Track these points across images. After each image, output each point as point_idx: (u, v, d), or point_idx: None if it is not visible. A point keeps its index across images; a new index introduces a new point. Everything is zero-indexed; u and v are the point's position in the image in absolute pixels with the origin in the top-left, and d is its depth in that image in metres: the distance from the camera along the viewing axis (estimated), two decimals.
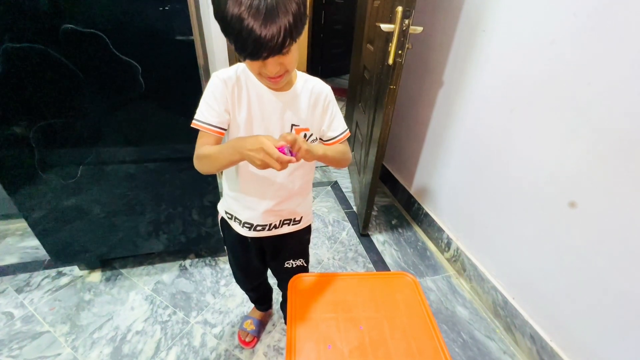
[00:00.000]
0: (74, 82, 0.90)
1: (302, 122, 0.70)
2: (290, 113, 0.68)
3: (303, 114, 0.70)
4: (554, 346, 1.05)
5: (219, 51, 1.76)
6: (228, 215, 0.83)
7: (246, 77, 0.66)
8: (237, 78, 0.65)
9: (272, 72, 0.57)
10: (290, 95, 0.68)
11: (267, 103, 0.67)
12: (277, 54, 0.53)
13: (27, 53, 0.84)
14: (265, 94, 0.66)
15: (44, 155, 1.01)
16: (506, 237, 1.23)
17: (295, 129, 0.69)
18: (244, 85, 0.65)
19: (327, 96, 0.72)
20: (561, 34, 0.94)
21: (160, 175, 1.15)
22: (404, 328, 0.66)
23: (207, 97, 0.66)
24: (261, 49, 0.51)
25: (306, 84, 0.70)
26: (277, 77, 0.59)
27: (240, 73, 0.65)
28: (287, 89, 0.67)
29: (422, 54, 1.61)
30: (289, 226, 0.83)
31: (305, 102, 0.69)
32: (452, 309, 1.31)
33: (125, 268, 1.39)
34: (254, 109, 0.66)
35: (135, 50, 0.91)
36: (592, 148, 0.90)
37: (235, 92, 0.65)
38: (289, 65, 0.59)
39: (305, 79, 0.71)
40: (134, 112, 1.01)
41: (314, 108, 0.70)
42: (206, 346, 1.11)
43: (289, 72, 0.61)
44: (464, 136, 1.39)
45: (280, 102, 0.67)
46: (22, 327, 1.13)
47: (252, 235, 0.80)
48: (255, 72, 0.60)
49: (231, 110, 0.66)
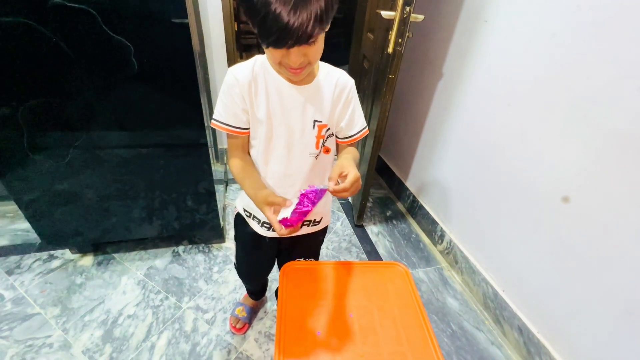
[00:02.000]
0: (63, 59, 0.87)
1: (324, 117, 0.66)
2: (312, 108, 0.64)
3: (326, 109, 0.65)
4: (541, 338, 1.06)
5: (216, 36, 1.72)
6: (247, 213, 0.81)
7: (264, 71, 0.62)
8: (254, 74, 0.61)
9: (295, 62, 0.53)
10: (312, 89, 0.64)
11: (288, 98, 0.63)
12: (303, 43, 0.49)
13: (13, 27, 0.80)
14: (285, 88, 0.62)
15: (33, 137, 0.98)
16: (499, 231, 1.23)
17: (318, 125, 0.66)
18: (261, 80, 0.62)
19: (351, 90, 0.67)
20: (562, 26, 0.93)
21: (154, 161, 1.13)
22: (394, 317, 0.67)
23: (223, 97, 0.63)
24: (287, 37, 0.47)
25: (329, 76, 0.65)
26: (299, 68, 0.55)
27: (257, 68, 0.62)
28: (308, 81, 0.63)
29: (423, 44, 1.58)
30: (308, 227, 0.81)
31: (328, 96, 0.65)
32: (442, 300, 1.33)
33: (118, 253, 1.38)
34: (273, 104, 0.63)
35: (128, 30, 0.88)
36: (588, 143, 0.89)
37: (252, 89, 0.62)
38: (313, 56, 0.55)
39: (327, 70, 0.66)
40: (126, 95, 0.98)
41: (336, 102, 0.66)
42: (197, 331, 1.12)
43: (312, 64, 0.57)
44: (461, 130, 1.38)
45: (302, 96, 0.63)
46: (13, 309, 1.13)
47: (270, 235, 0.79)
48: (275, 61, 0.56)
49: (249, 109, 0.63)
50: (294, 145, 0.67)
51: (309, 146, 0.67)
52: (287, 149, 0.67)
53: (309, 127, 0.65)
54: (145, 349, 1.05)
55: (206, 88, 1.57)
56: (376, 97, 1.36)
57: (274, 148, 0.67)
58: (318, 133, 0.67)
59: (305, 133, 0.66)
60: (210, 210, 1.32)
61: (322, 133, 0.67)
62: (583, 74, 0.89)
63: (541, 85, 1.01)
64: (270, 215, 0.60)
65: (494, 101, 1.20)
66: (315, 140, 0.67)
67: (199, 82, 1.02)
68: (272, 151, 0.67)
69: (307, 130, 0.66)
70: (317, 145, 0.68)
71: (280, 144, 0.66)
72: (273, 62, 0.57)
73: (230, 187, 1.87)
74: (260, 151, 0.68)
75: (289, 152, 0.67)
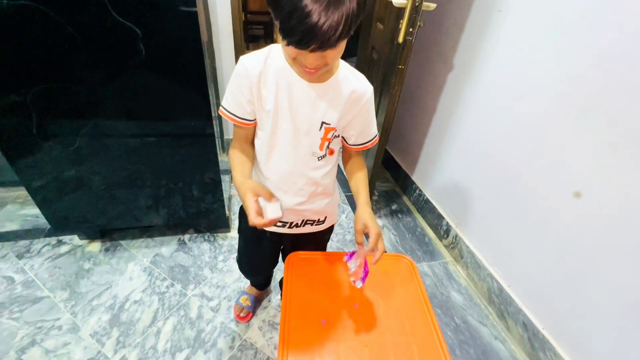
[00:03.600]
0: (72, 44, 0.87)
1: (334, 120, 0.62)
2: (322, 108, 0.61)
3: (336, 112, 0.62)
4: (546, 334, 1.06)
5: (223, 25, 1.70)
6: None
7: (277, 62, 0.59)
8: (265, 65, 0.59)
9: (312, 64, 0.50)
10: (326, 88, 0.60)
11: (298, 93, 0.60)
12: (328, 48, 0.46)
13: (21, 11, 0.80)
14: (297, 83, 0.59)
15: (43, 123, 0.99)
16: (506, 226, 1.22)
17: (326, 128, 0.63)
18: (273, 71, 0.59)
19: (369, 99, 0.64)
20: (582, 16, 0.90)
21: (160, 150, 1.14)
22: (399, 308, 0.67)
23: (232, 86, 0.62)
24: (312, 40, 0.43)
25: (348, 79, 0.62)
26: (313, 69, 0.52)
27: (270, 59, 0.59)
28: (323, 79, 0.60)
29: (433, 33, 1.55)
30: (311, 226, 0.80)
31: (342, 99, 0.61)
32: (446, 294, 1.32)
33: (125, 240, 1.40)
34: (281, 99, 0.60)
35: (136, 15, 0.87)
36: (602, 138, 0.87)
37: (261, 81, 0.59)
38: (332, 59, 0.51)
39: (347, 73, 0.62)
40: (133, 82, 0.98)
41: (350, 108, 0.63)
42: (202, 318, 1.13)
43: (328, 66, 0.54)
44: (471, 123, 1.36)
45: (314, 94, 0.60)
46: (23, 292, 1.15)
47: (272, 231, 0.79)
48: (290, 57, 0.52)
49: (256, 101, 0.61)
50: (299, 144, 0.64)
51: (313, 146, 0.65)
52: (290, 146, 0.65)
53: (315, 127, 0.63)
54: (151, 334, 1.07)
55: (214, 78, 1.57)
56: (384, 89, 1.34)
57: (277, 143, 0.65)
58: (324, 135, 0.64)
59: (311, 133, 0.63)
60: (216, 200, 1.33)
61: (329, 136, 0.65)
62: (600, 67, 0.86)
63: (556, 78, 0.98)
64: (249, 203, 0.56)
65: (505, 94, 1.17)
66: (320, 142, 0.65)
67: (206, 72, 1.02)
68: (275, 146, 0.66)
69: (313, 130, 0.63)
70: (322, 147, 0.66)
71: (285, 140, 0.64)
72: (288, 57, 0.54)
73: None
74: (265, 144, 0.66)
75: (292, 150, 0.65)
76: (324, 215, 0.80)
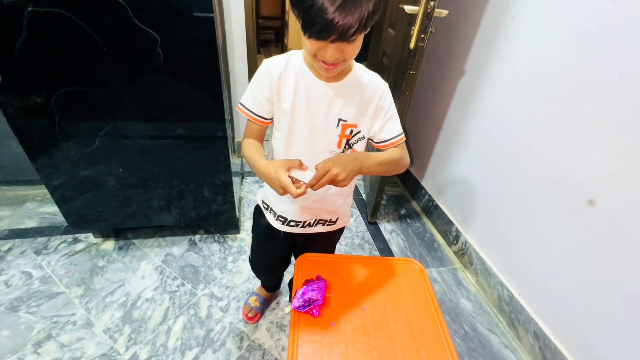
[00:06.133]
0: (94, 49, 0.91)
1: (350, 117, 0.65)
2: (339, 106, 0.64)
3: (353, 109, 0.65)
4: (558, 344, 1.04)
5: (237, 30, 1.74)
6: (264, 205, 0.82)
7: (297, 65, 0.63)
8: (286, 66, 0.63)
9: (331, 57, 0.53)
10: (341, 86, 0.63)
11: (315, 93, 0.63)
12: (344, 40, 0.50)
13: (50, 18, 0.84)
14: (314, 84, 0.63)
15: (64, 124, 1.03)
16: (518, 234, 1.20)
17: (342, 124, 0.65)
18: (292, 72, 0.63)
19: (383, 93, 0.66)
20: (596, 21, 0.89)
21: (174, 151, 1.16)
22: (408, 312, 0.67)
23: (253, 85, 0.65)
24: (330, 31, 0.48)
25: (361, 77, 0.65)
26: (333, 64, 0.55)
27: (291, 61, 0.63)
28: (339, 78, 0.63)
29: (445, 39, 1.55)
30: (323, 226, 0.81)
31: (357, 96, 0.64)
32: (455, 301, 1.31)
33: (138, 239, 1.43)
34: (299, 99, 0.63)
35: (156, 22, 0.90)
36: (618, 144, 0.86)
37: (281, 81, 0.63)
38: (350, 54, 0.55)
39: (361, 72, 0.66)
40: (151, 85, 1.01)
41: (367, 104, 0.66)
42: (212, 318, 1.15)
43: (347, 62, 0.57)
44: (482, 128, 1.35)
45: (330, 92, 0.63)
46: (40, 287, 1.19)
47: (285, 230, 0.80)
48: (311, 52, 0.55)
49: (275, 100, 0.64)
50: (316, 142, 0.67)
51: (330, 144, 0.67)
52: (307, 144, 0.67)
53: (333, 124, 0.65)
54: (161, 332, 1.09)
55: (227, 81, 1.60)
56: (395, 94, 1.35)
57: (294, 142, 0.67)
58: (342, 132, 0.66)
59: (328, 130, 0.66)
60: (227, 201, 1.35)
61: (347, 133, 0.66)
62: (616, 72, 0.85)
63: (571, 83, 0.97)
64: (285, 179, 0.56)
65: (518, 99, 1.16)
66: (337, 139, 0.67)
67: (221, 76, 1.04)
68: (292, 144, 0.68)
69: (330, 127, 0.65)
70: (340, 144, 0.67)
71: (302, 138, 0.66)
72: (309, 53, 0.56)
73: (246, 180, 1.90)
74: (282, 143, 0.68)
75: (309, 148, 0.67)
76: (336, 216, 0.81)
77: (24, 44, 0.87)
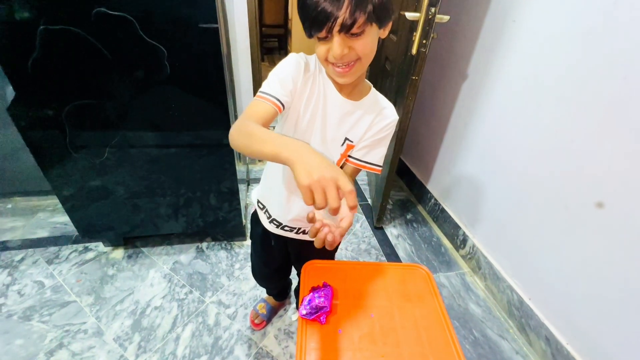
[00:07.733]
0: (104, 63, 0.93)
1: (356, 139, 0.64)
2: (349, 124, 0.63)
3: (360, 131, 0.64)
4: (571, 349, 1.02)
5: (241, 39, 1.77)
6: (260, 205, 0.80)
7: (319, 70, 0.61)
8: (315, 67, 0.61)
9: (337, 52, 0.49)
10: (357, 105, 0.62)
11: (330, 104, 0.62)
12: (342, 30, 0.47)
13: (62, 35, 0.87)
14: (331, 95, 0.61)
15: (75, 136, 1.05)
16: (526, 237, 1.19)
17: (348, 144, 0.65)
18: (318, 77, 0.61)
19: (390, 124, 0.65)
20: (598, 24, 0.89)
21: (181, 160, 1.18)
22: (415, 318, 0.66)
23: (279, 72, 0.59)
24: (322, 19, 0.46)
25: (377, 103, 0.65)
26: (346, 67, 0.53)
27: (318, 65, 0.61)
28: (356, 98, 0.62)
29: (447, 44, 1.56)
30: None
31: (368, 120, 0.64)
32: (464, 306, 1.30)
33: (146, 247, 1.45)
34: (314, 105, 0.62)
35: (162, 35, 0.93)
36: (624, 146, 0.85)
37: (310, 81, 0.61)
38: (361, 51, 0.51)
39: (378, 98, 0.66)
40: (159, 97, 1.03)
41: (369, 128, 0.65)
42: (220, 325, 1.15)
43: (361, 61, 0.53)
44: (487, 132, 1.35)
45: (345, 108, 0.62)
46: (52, 296, 1.21)
47: (278, 233, 0.79)
48: (322, 57, 0.53)
49: (298, 96, 0.61)
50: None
51: (331, 159, 0.67)
52: None
53: (339, 141, 0.64)
54: (170, 340, 1.10)
55: (232, 90, 1.63)
56: (399, 99, 1.36)
57: None
58: (345, 151, 0.66)
59: (333, 145, 0.65)
60: (233, 208, 1.36)
61: (348, 153, 0.67)
62: (619, 74, 0.85)
63: (574, 85, 0.97)
64: (350, 186, 0.48)
65: (522, 102, 1.16)
66: (339, 157, 0.67)
67: (226, 85, 1.06)
68: None
69: (336, 143, 0.65)
70: (339, 163, 0.68)
71: None
72: (321, 60, 0.55)
73: (252, 187, 1.92)
74: None
75: None
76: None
77: (36, 60, 0.90)
